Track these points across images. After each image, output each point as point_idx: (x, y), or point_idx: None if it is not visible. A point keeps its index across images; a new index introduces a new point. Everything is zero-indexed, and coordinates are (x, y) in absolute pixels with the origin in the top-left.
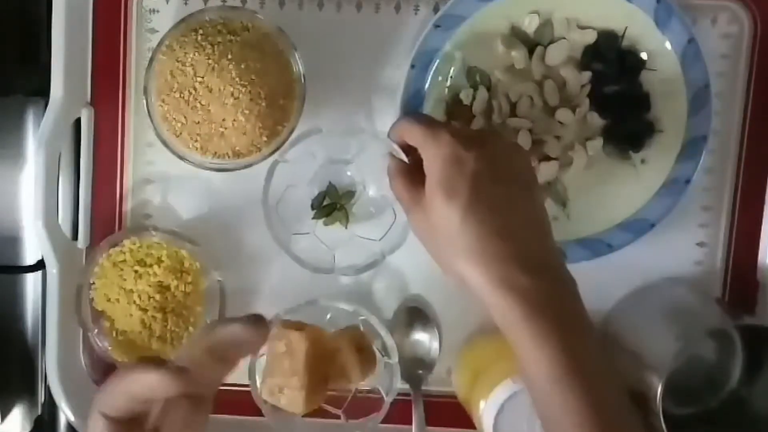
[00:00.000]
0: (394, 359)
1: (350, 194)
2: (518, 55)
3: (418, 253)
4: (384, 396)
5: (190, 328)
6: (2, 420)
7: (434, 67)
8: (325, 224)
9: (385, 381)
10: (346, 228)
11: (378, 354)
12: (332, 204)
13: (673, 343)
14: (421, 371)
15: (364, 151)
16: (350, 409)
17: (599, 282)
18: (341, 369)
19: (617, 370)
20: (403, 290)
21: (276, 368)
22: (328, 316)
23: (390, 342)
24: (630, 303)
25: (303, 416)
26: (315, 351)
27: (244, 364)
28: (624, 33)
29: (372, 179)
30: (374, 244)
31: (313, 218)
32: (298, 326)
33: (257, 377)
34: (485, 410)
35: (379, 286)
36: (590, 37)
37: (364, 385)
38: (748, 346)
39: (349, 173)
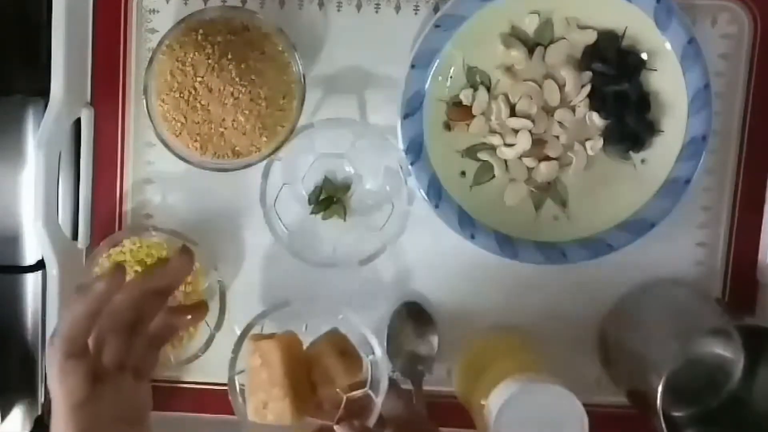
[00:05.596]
0: (378, 354)
1: (346, 187)
2: (518, 55)
3: (417, 249)
4: (374, 397)
5: (190, 328)
6: (2, 420)
7: (434, 67)
8: (324, 218)
9: (375, 381)
10: (344, 221)
11: (362, 354)
12: (329, 197)
13: (673, 343)
14: (421, 367)
15: (358, 144)
16: (346, 415)
17: (599, 282)
18: (326, 374)
19: (618, 370)
20: (402, 287)
21: (256, 384)
22: (305, 326)
23: (372, 338)
24: (630, 303)
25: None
26: (292, 357)
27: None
28: (624, 33)
29: (367, 171)
30: (375, 235)
31: (311, 213)
32: (269, 336)
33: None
34: (485, 410)
35: (376, 284)
36: (590, 37)
37: (353, 389)
38: (748, 346)
39: (344, 167)
